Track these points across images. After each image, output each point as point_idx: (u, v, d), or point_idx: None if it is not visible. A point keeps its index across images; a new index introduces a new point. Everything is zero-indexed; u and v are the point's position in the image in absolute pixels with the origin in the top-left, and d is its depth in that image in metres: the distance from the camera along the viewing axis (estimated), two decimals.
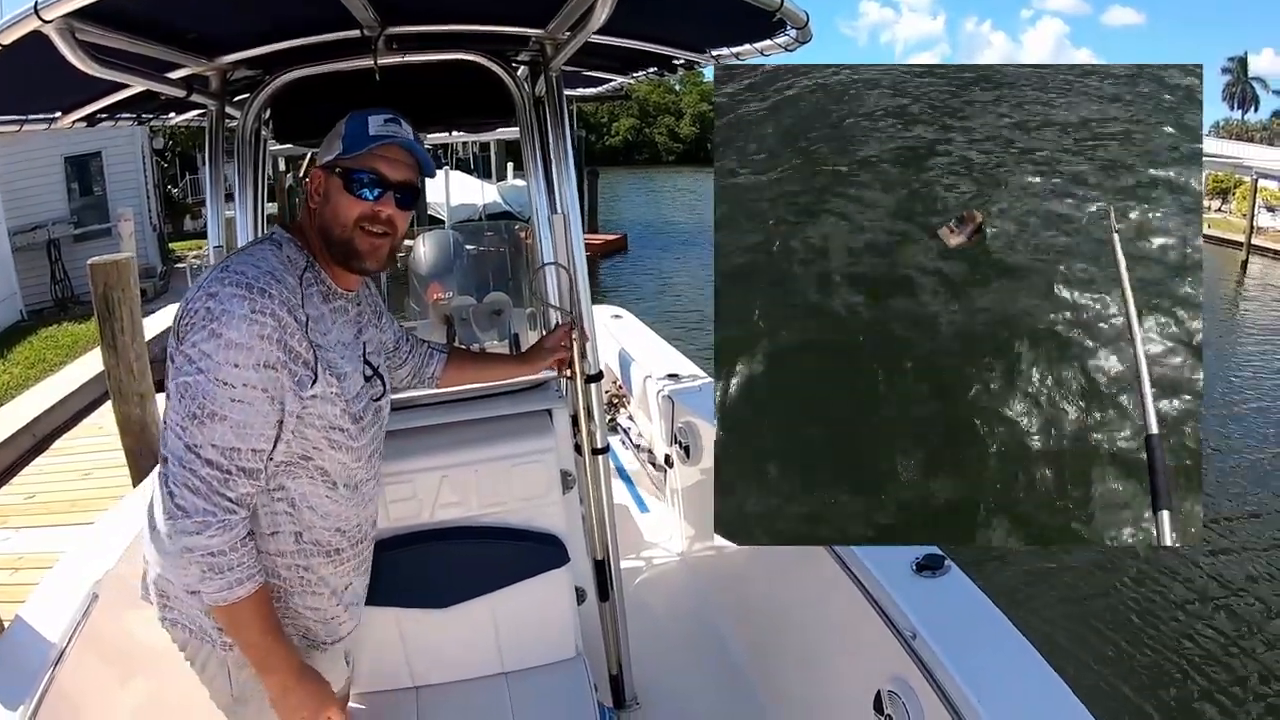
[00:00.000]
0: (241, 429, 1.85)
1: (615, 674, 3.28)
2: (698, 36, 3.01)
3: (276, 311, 1.87)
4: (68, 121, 2.94)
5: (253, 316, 1.83)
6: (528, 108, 2.91)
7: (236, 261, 1.93)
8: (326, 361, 2.00)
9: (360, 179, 2.03)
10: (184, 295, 1.92)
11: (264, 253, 1.98)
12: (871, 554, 2.75)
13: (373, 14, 2.38)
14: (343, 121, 2.07)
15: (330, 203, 2.05)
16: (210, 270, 1.93)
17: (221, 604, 1.91)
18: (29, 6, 1.72)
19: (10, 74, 2.06)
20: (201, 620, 2.06)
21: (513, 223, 6.46)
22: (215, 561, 1.86)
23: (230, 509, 1.86)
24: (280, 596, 2.12)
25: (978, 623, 2.48)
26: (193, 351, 1.82)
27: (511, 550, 2.92)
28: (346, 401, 2.06)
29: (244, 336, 1.82)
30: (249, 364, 1.83)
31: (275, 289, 1.89)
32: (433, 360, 2.67)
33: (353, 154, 2.02)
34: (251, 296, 1.84)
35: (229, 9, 2.17)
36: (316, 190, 2.07)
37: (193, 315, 1.84)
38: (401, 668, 2.99)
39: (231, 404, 1.83)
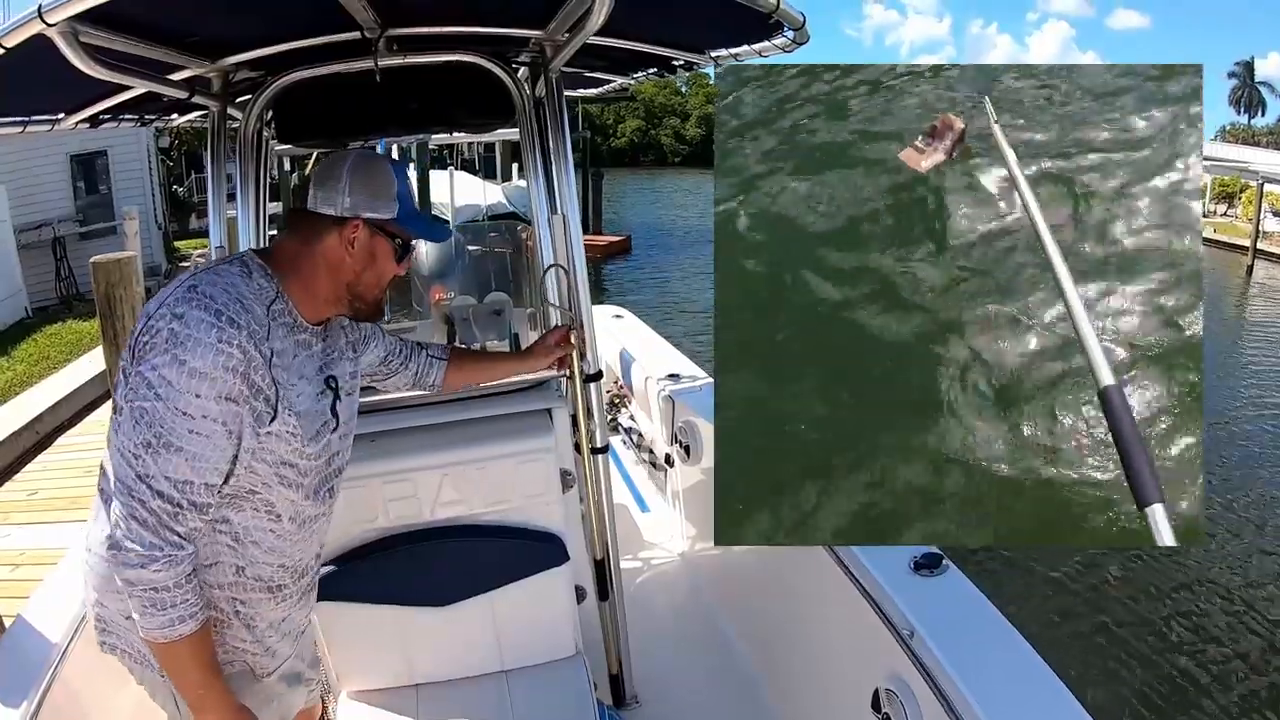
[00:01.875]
0: (196, 461, 1.78)
1: (615, 673, 3.29)
2: (696, 37, 3.03)
3: (244, 344, 1.80)
4: (70, 123, 2.95)
5: (219, 345, 1.76)
6: (528, 109, 2.93)
7: (204, 283, 1.84)
8: (287, 399, 1.93)
9: (406, 248, 2.08)
10: (144, 309, 1.85)
11: (233, 277, 1.89)
12: (870, 553, 2.76)
13: (373, 15, 2.39)
14: (392, 180, 2.03)
15: (376, 262, 2.03)
16: (175, 286, 1.86)
17: (161, 640, 1.85)
18: (32, 10, 1.73)
19: (13, 76, 2.06)
20: (142, 647, 1.99)
21: (515, 223, 6.47)
22: (158, 597, 1.80)
23: (178, 544, 1.80)
24: (215, 628, 2.02)
25: (975, 621, 2.49)
26: (153, 375, 1.75)
27: (511, 549, 2.93)
28: (302, 440, 2.00)
29: (209, 366, 1.75)
30: (211, 395, 1.76)
31: (244, 319, 1.82)
32: (433, 369, 2.61)
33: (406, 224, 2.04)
34: (220, 325, 1.77)
35: (230, 12, 2.17)
36: (355, 242, 2.00)
37: (154, 334, 1.77)
38: (401, 666, 3.00)
39: (189, 435, 1.77)
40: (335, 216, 1.98)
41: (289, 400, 1.94)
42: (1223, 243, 33.11)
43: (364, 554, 2.83)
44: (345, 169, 1.99)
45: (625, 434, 5.80)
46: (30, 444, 9.44)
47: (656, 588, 4.32)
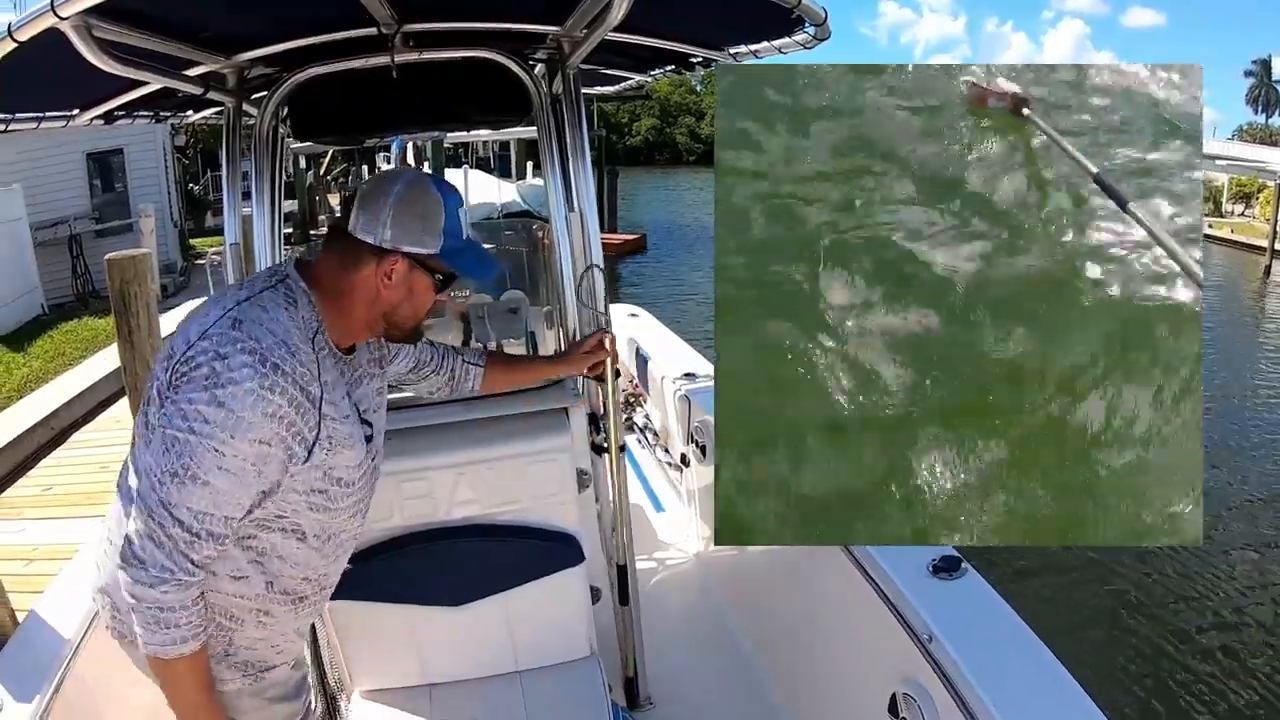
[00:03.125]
0: (219, 496, 1.78)
1: (630, 674, 3.27)
2: (715, 34, 3.01)
3: (288, 390, 1.78)
4: (85, 119, 2.95)
5: (260, 393, 1.75)
6: (545, 106, 2.91)
7: (250, 319, 1.80)
8: (330, 433, 1.92)
9: (446, 281, 2.02)
10: (184, 330, 1.83)
11: (278, 311, 1.85)
12: (888, 556, 2.74)
13: (390, 11, 2.39)
14: (440, 213, 1.96)
15: (413, 296, 1.99)
16: (217, 312, 1.82)
17: (160, 657, 1.85)
18: (45, 3, 1.72)
19: (28, 71, 2.06)
20: None
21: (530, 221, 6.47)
22: (163, 616, 1.80)
23: (190, 571, 1.79)
24: (228, 633, 2.02)
25: (994, 626, 2.47)
26: (189, 409, 1.73)
27: (526, 549, 2.92)
28: (345, 468, 2.01)
29: (248, 411, 1.74)
30: (245, 439, 1.75)
31: (289, 364, 1.80)
32: (470, 376, 2.57)
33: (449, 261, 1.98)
34: (264, 371, 1.75)
35: (246, 7, 2.17)
36: (393, 275, 1.94)
37: (194, 367, 1.75)
38: (414, 665, 2.99)
39: (217, 471, 1.76)
40: (375, 246, 1.92)
41: (331, 433, 1.92)
42: (1240, 243, 33.00)
43: (379, 553, 2.81)
44: (390, 198, 1.92)
45: (641, 433, 5.79)
46: (45, 440, 9.46)
47: (672, 589, 4.31)
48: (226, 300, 1.85)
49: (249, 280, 1.96)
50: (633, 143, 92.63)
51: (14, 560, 6.25)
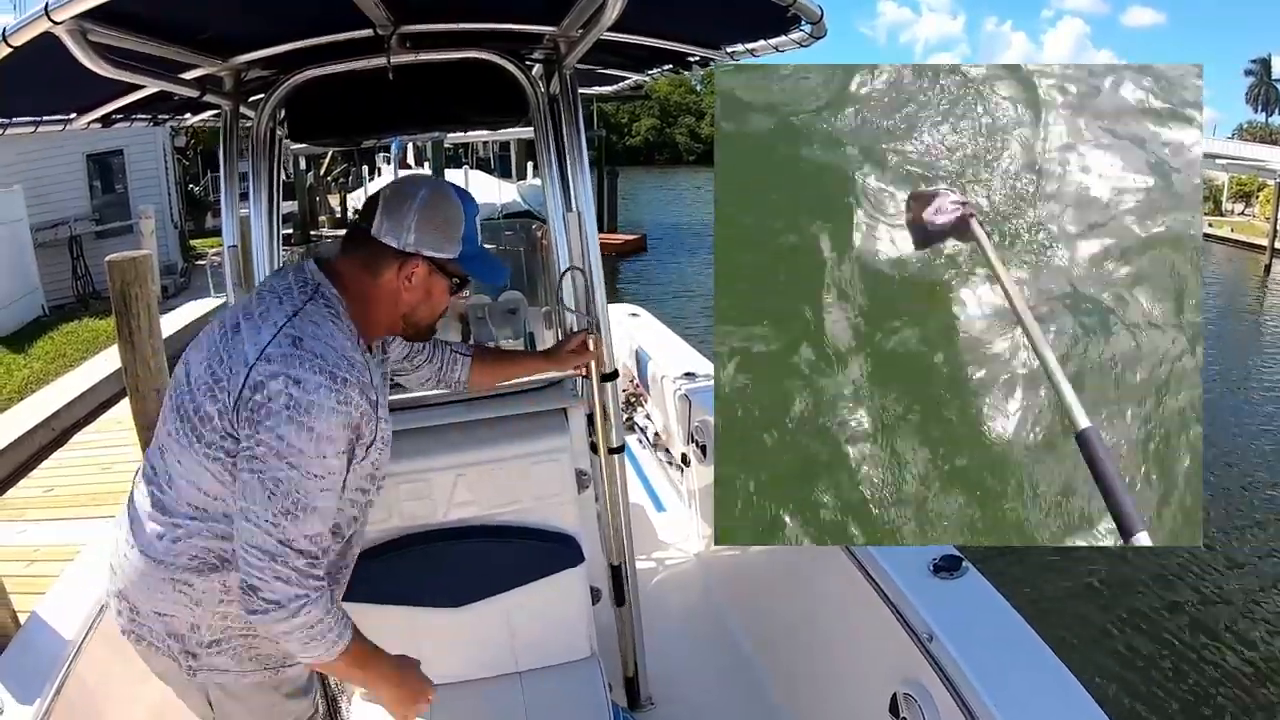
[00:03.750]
0: (325, 514, 1.88)
1: (630, 674, 3.27)
2: (711, 33, 3.00)
3: (356, 399, 1.88)
4: (82, 123, 2.95)
5: (338, 408, 1.84)
6: (542, 106, 2.90)
7: (308, 336, 1.88)
8: (382, 432, 2.05)
9: (461, 284, 2.12)
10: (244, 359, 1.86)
11: (328, 325, 1.93)
12: (888, 556, 2.74)
13: (385, 13, 2.38)
14: (460, 220, 2.05)
15: (431, 297, 2.08)
16: (272, 333, 1.87)
17: (328, 661, 1.96)
18: (39, 8, 1.72)
19: (24, 76, 2.06)
20: (170, 642, 2.06)
21: (530, 221, 6.46)
22: (314, 633, 1.89)
23: (318, 584, 1.89)
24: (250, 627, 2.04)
25: (995, 626, 2.47)
26: (280, 445, 1.80)
27: (526, 550, 2.92)
28: (380, 464, 2.12)
29: (332, 429, 1.83)
30: (333, 453, 1.85)
31: (353, 374, 1.88)
32: (457, 365, 2.61)
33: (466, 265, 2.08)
34: (337, 387, 1.84)
35: (241, 9, 2.17)
36: (413, 278, 2.03)
37: (270, 397, 1.81)
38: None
39: (321, 494, 1.85)
40: (397, 250, 2.00)
41: (382, 433, 2.06)
42: (1241, 242, 33.03)
43: (378, 554, 2.81)
44: (415, 205, 2.00)
45: (641, 433, 5.79)
46: (46, 441, 9.48)
47: (672, 589, 4.31)
48: (270, 314, 1.91)
49: (279, 289, 1.99)
50: (633, 142, 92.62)
51: (15, 561, 6.26)
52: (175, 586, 1.99)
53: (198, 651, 2.06)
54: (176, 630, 2.04)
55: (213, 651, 2.07)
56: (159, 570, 1.99)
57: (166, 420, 2.00)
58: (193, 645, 2.06)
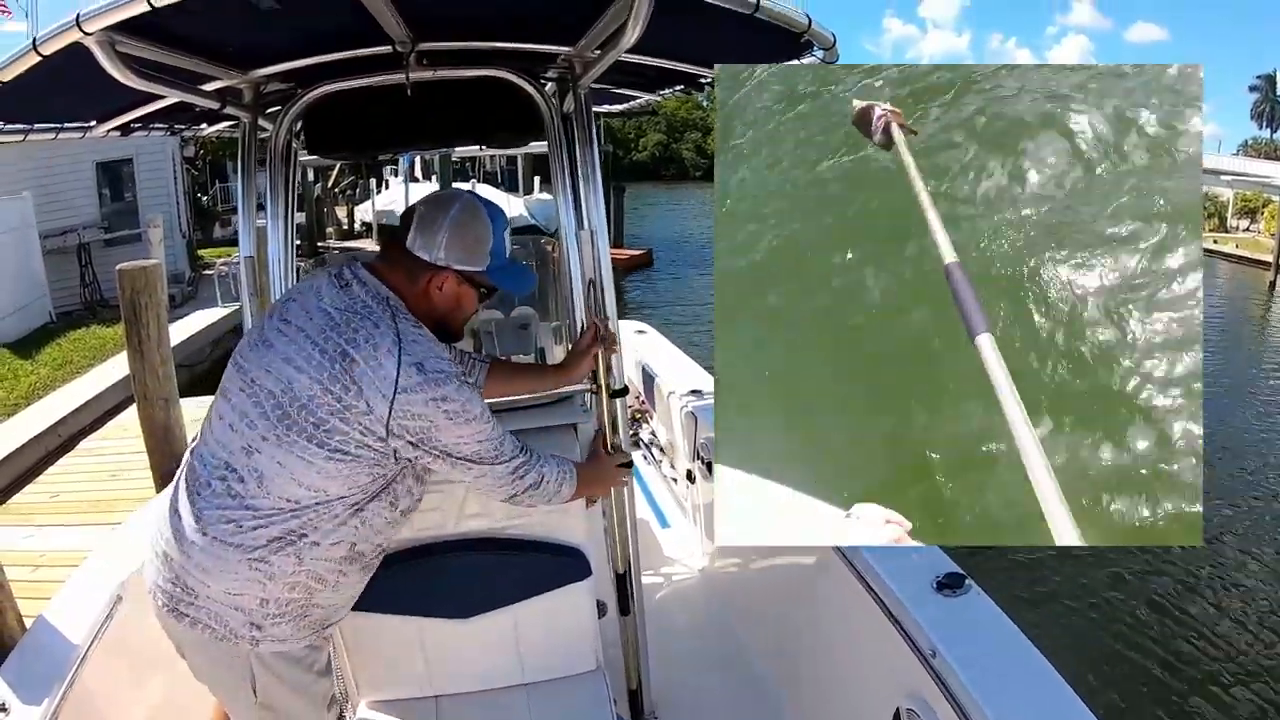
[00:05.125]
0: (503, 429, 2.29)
1: (634, 688, 3.28)
2: (726, 56, 3.02)
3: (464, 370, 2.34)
4: (102, 131, 2.98)
5: (465, 384, 2.17)
6: (556, 124, 2.92)
7: (426, 359, 2.12)
8: None
9: (489, 293, 2.37)
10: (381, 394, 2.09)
11: (428, 342, 2.18)
12: (892, 571, 2.76)
13: (405, 30, 2.41)
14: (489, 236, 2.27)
15: (460, 304, 2.32)
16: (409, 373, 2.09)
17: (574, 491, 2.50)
18: (70, 18, 1.76)
19: (48, 83, 2.09)
20: (229, 618, 2.19)
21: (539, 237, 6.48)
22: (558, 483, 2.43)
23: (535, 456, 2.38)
24: (312, 594, 2.27)
25: (998, 642, 2.48)
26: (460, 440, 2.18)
27: (534, 563, 2.92)
28: None
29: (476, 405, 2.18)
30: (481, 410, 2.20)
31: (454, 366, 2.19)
32: (475, 368, 2.73)
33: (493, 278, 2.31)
34: (460, 382, 2.15)
35: (264, 24, 2.19)
36: (443, 288, 2.25)
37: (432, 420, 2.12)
38: (421, 677, 3.00)
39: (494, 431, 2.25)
40: (428, 262, 2.22)
41: None
42: (1245, 258, 32.94)
43: (388, 564, 2.82)
44: (446, 222, 2.22)
45: (647, 449, 5.80)
46: (53, 446, 9.52)
47: (677, 603, 4.32)
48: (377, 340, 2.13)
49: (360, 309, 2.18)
50: (639, 158, 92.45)
51: (21, 566, 6.26)
52: (251, 566, 2.14)
53: (263, 623, 2.22)
54: (246, 606, 2.19)
55: (278, 621, 2.24)
56: (236, 554, 2.14)
57: (256, 425, 2.13)
58: (259, 618, 2.21)
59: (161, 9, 1.70)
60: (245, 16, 2.00)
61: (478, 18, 2.55)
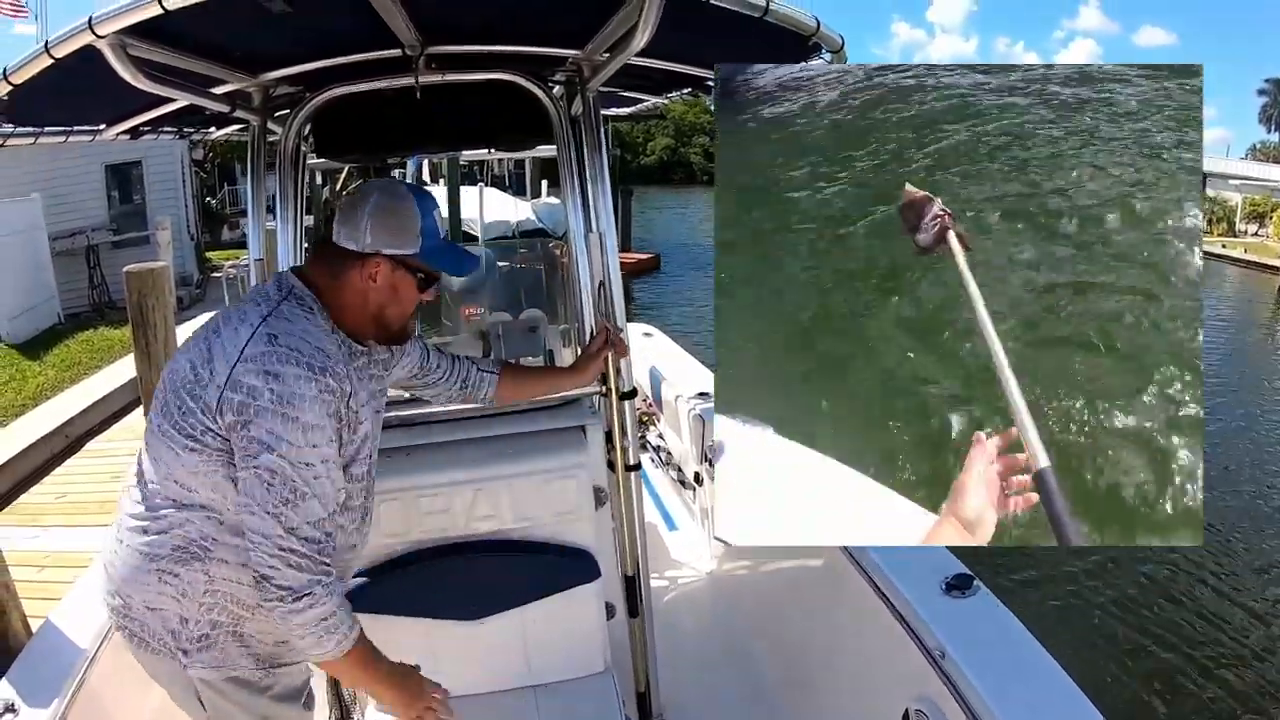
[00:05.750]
0: (324, 500, 1.97)
1: (643, 690, 3.28)
2: (734, 59, 3.03)
3: (336, 388, 1.97)
4: (112, 134, 2.99)
5: (320, 397, 1.93)
6: (565, 127, 2.93)
7: (284, 335, 1.96)
8: (361, 421, 2.12)
9: (428, 280, 2.19)
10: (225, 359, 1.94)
11: (305, 324, 2.02)
12: (900, 573, 2.76)
13: (415, 34, 2.41)
14: (414, 216, 2.12)
15: (398, 294, 2.14)
16: (248, 333, 1.96)
17: (338, 658, 2.03)
18: (83, 21, 1.77)
19: (58, 86, 2.10)
20: (163, 636, 2.11)
21: (547, 240, 6.48)
22: (327, 625, 1.97)
23: (328, 572, 1.98)
24: (239, 620, 2.13)
25: (1007, 644, 2.49)
26: (269, 438, 1.89)
27: (543, 565, 2.93)
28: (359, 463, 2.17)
29: (317, 418, 1.93)
30: (323, 441, 1.95)
31: (330, 364, 1.98)
32: (484, 384, 2.64)
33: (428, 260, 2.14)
34: (315, 376, 1.93)
35: (274, 27, 2.19)
36: (377, 277, 2.10)
37: (256, 395, 1.89)
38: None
39: (315, 481, 1.94)
40: (357, 252, 2.09)
41: (362, 423, 2.12)
42: (1254, 262, 32.83)
43: (396, 567, 2.84)
44: (366, 207, 2.09)
45: (654, 452, 5.80)
46: (60, 448, 9.53)
47: (685, 605, 4.32)
48: (248, 316, 1.99)
49: (256, 296, 2.09)
50: (647, 162, 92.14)
51: (27, 566, 6.28)
52: (161, 578, 2.05)
53: (189, 648, 2.11)
54: (169, 625, 2.09)
55: (203, 646, 2.12)
56: (146, 563, 2.06)
57: (151, 421, 2.07)
58: (184, 641, 2.10)
59: (173, 12, 1.71)
60: (256, 20, 2.00)
61: (487, 21, 2.55)
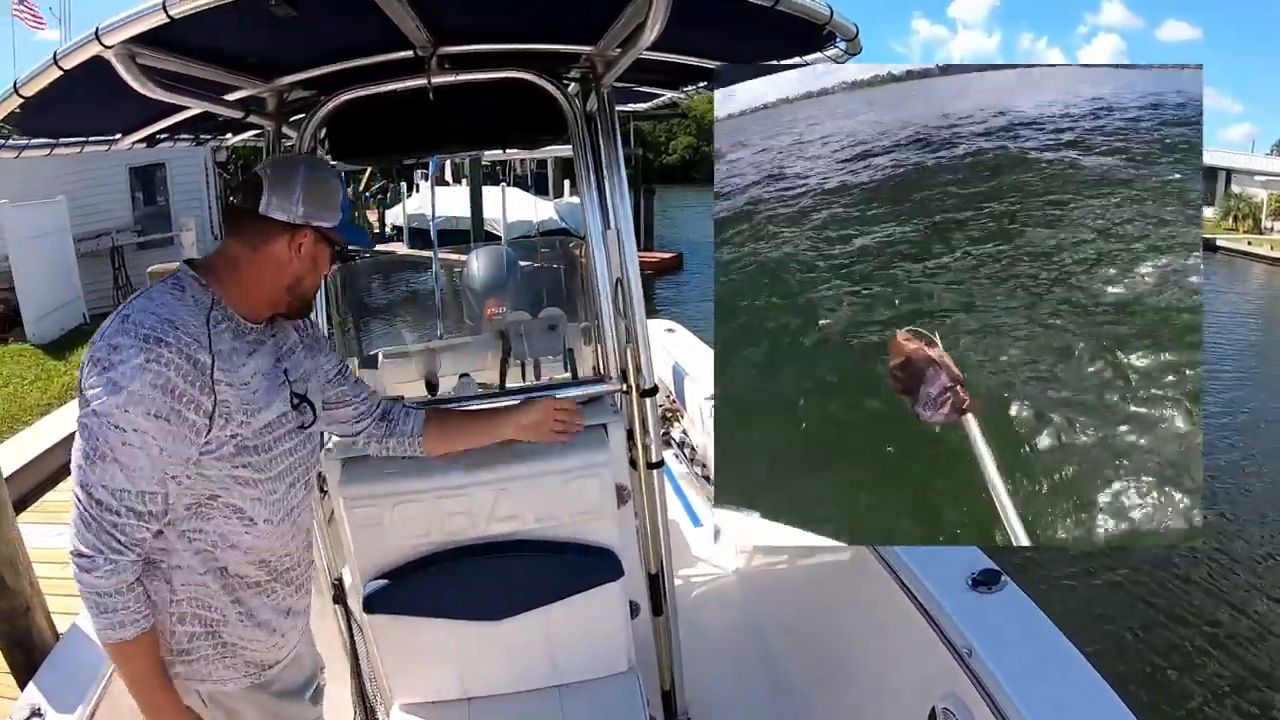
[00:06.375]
0: (130, 472, 1.91)
1: (667, 689, 3.27)
2: (747, 50, 3.00)
3: (174, 360, 1.91)
4: (127, 143, 2.99)
5: (146, 365, 1.88)
6: (580, 124, 2.92)
7: (136, 310, 1.96)
8: (239, 399, 2.03)
9: (340, 251, 2.26)
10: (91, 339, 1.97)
11: (164, 298, 2.01)
12: (927, 569, 2.74)
13: (426, 35, 2.40)
14: (340, 189, 2.20)
15: (315, 266, 2.19)
16: (113, 317, 1.97)
17: (105, 642, 1.99)
18: (90, 32, 1.77)
19: (72, 97, 2.10)
20: None
21: (567, 239, 6.48)
22: (101, 601, 1.94)
23: (118, 550, 1.93)
24: (216, 633, 2.15)
25: (1034, 640, 2.46)
26: (90, 394, 1.89)
27: (566, 564, 2.91)
28: (255, 433, 2.09)
29: (137, 385, 1.87)
30: (139, 412, 1.88)
31: (172, 336, 1.93)
32: (409, 419, 2.61)
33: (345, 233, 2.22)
34: (148, 346, 1.89)
35: (285, 33, 2.19)
36: (303, 248, 2.13)
37: (94, 364, 1.90)
38: (453, 679, 3.01)
39: (122, 447, 1.89)
40: (287, 222, 2.10)
41: (241, 399, 2.04)
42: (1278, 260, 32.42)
43: (419, 568, 2.83)
44: (301, 178, 2.11)
45: (678, 449, 5.78)
46: None
47: (709, 603, 4.31)
48: (121, 307, 2.01)
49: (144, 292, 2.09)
50: (669, 161, 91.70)
51: (52, 564, 6.32)
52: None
53: (172, 660, 2.12)
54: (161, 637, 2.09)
55: (186, 660, 2.14)
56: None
57: None
58: (168, 654, 2.11)
59: (180, 20, 1.71)
60: (265, 26, 2.00)
61: (498, 20, 2.54)
